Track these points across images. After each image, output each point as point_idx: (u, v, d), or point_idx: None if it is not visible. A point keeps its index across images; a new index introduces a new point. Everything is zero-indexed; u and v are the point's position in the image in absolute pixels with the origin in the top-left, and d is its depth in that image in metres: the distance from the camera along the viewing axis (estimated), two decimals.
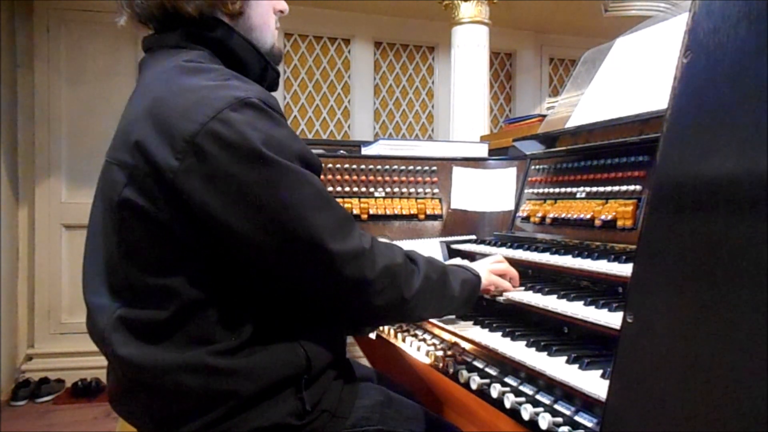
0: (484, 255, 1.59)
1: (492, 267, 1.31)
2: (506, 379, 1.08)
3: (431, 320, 1.39)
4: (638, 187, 1.32)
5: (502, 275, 1.32)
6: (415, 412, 1.17)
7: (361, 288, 0.97)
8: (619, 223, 1.32)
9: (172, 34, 1.04)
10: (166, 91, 0.93)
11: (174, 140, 0.88)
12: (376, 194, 1.89)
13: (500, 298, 1.32)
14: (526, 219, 1.67)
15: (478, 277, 1.24)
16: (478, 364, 1.17)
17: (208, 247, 0.93)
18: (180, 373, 0.93)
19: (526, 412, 0.95)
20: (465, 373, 1.15)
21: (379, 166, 1.90)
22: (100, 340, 1.00)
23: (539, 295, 1.26)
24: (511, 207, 1.80)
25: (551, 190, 1.62)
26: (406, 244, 1.27)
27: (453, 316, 1.39)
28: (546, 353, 1.07)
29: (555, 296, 1.22)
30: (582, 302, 1.13)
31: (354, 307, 1.02)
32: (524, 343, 1.14)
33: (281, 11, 1.18)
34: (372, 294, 0.98)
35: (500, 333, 1.22)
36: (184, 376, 0.93)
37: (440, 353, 1.27)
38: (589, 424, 0.86)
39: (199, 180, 0.87)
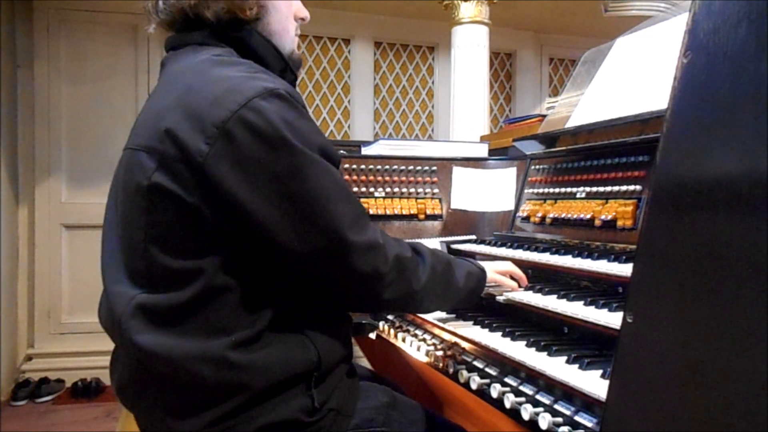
0: (484, 255, 1.59)
1: (496, 267, 1.32)
2: (506, 379, 1.08)
3: (431, 320, 1.39)
4: (638, 187, 1.32)
5: (505, 275, 1.32)
6: (419, 414, 1.17)
7: (373, 280, 1.00)
8: (619, 223, 1.32)
9: (197, 32, 1.08)
10: (198, 80, 0.96)
11: (204, 126, 0.90)
12: (376, 194, 1.89)
13: (500, 298, 1.32)
14: (526, 219, 1.67)
15: (483, 271, 1.25)
16: (478, 364, 1.17)
17: (235, 231, 0.94)
18: (195, 363, 0.93)
19: (526, 412, 0.95)
20: (465, 373, 1.15)
21: (379, 166, 1.91)
22: (116, 326, 0.99)
23: (539, 295, 1.26)
24: (511, 207, 1.80)
25: (551, 190, 1.62)
26: None
27: (453, 315, 1.40)
28: (546, 353, 1.07)
29: (555, 296, 1.22)
30: (582, 302, 1.13)
31: (365, 299, 1.06)
32: (524, 343, 1.14)
33: (302, 18, 1.20)
34: (383, 286, 1.02)
35: (500, 333, 1.22)
36: (199, 367, 0.93)
37: (440, 353, 1.27)
38: (589, 424, 0.86)
39: (227, 164, 0.90)
